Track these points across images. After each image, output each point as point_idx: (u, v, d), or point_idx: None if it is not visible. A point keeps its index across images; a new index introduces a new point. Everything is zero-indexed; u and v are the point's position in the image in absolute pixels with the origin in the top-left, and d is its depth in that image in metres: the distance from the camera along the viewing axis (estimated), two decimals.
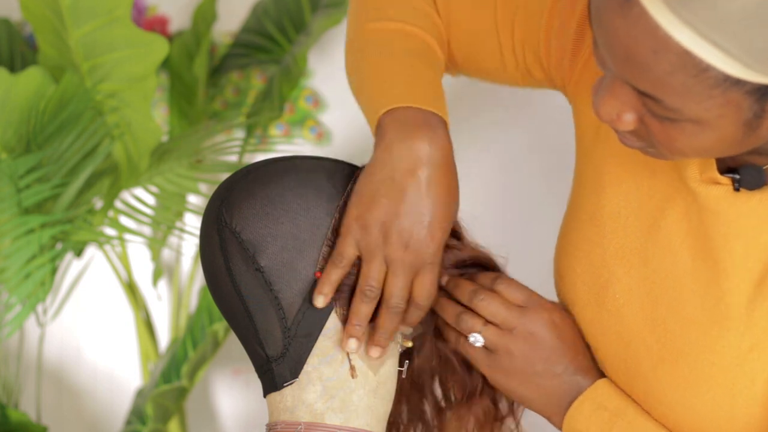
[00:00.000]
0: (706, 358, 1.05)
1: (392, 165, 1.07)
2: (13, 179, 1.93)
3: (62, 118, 1.96)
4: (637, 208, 1.10)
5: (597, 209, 1.13)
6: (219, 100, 2.40)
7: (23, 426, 2.05)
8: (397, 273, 1.08)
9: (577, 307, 1.15)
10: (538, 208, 2.19)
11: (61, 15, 1.90)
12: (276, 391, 1.11)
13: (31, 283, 1.97)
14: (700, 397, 1.05)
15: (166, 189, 2.02)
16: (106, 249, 2.24)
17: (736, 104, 0.89)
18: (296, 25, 2.32)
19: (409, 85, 1.12)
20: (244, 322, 1.11)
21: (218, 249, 1.11)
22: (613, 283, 1.11)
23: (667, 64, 0.88)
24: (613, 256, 1.11)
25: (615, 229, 1.11)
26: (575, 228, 1.16)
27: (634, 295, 1.10)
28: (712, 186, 1.04)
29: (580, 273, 1.14)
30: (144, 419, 2.17)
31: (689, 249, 1.06)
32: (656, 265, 1.08)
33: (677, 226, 1.07)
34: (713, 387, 1.05)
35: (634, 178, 1.10)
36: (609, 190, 1.12)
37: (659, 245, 1.08)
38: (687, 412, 1.06)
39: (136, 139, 2.04)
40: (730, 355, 1.04)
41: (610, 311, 1.11)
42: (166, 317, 2.45)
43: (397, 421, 1.22)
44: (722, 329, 1.04)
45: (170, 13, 2.39)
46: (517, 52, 1.19)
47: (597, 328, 1.13)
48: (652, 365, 1.08)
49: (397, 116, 1.09)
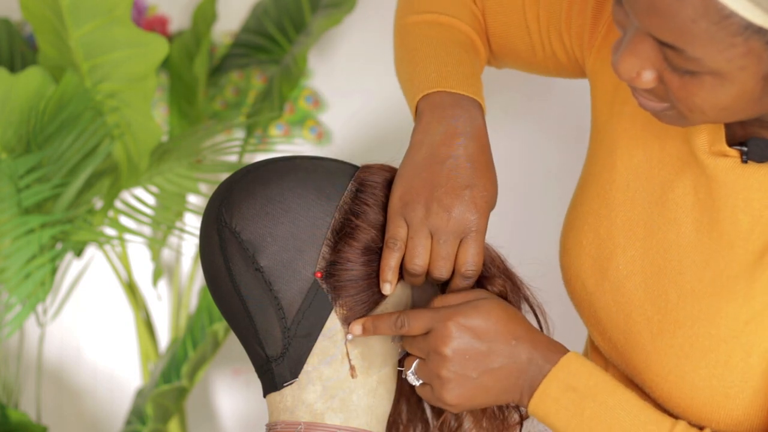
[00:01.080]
0: (705, 329, 1.06)
1: (430, 142, 1.10)
2: (13, 179, 1.93)
3: (62, 118, 1.96)
4: (645, 180, 1.12)
5: (607, 183, 1.15)
6: (219, 100, 2.40)
7: (23, 426, 2.05)
8: (440, 242, 1.08)
9: (580, 279, 1.15)
10: (540, 204, 2.19)
11: (61, 15, 1.90)
12: (276, 391, 1.11)
13: (31, 283, 1.97)
14: (696, 369, 1.06)
15: (166, 189, 2.02)
16: (106, 249, 2.24)
17: (757, 55, 0.91)
18: (296, 25, 2.32)
19: (443, 70, 1.15)
20: (244, 322, 1.11)
21: (218, 249, 1.11)
22: (617, 254, 1.12)
23: (690, 10, 0.89)
24: (619, 228, 1.13)
25: (623, 201, 1.13)
26: (584, 203, 1.17)
27: (637, 266, 1.11)
28: (720, 158, 1.06)
29: (585, 245, 1.15)
30: (144, 419, 2.17)
31: (694, 221, 1.08)
32: (660, 236, 1.10)
33: (684, 199, 1.08)
34: (710, 358, 1.05)
35: (645, 151, 1.12)
36: (620, 164, 1.14)
37: (665, 217, 1.10)
38: (683, 384, 1.07)
39: (136, 139, 2.04)
40: (728, 327, 1.05)
41: (613, 282, 1.12)
42: (166, 317, 2.45)
43: (397, 421, 1.22)
44: (722, 301, 1.05)
45: (170, 13, 2.39)
46: (543, 35, 1.22)
47: (599, 300, 1.13)
48: (652, 337, 1.09)
49: (431, 100, 1.13)
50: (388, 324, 1.09)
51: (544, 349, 1.08)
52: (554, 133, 2.21)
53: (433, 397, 1.09)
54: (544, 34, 1.22)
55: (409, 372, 1.10)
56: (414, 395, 1.21)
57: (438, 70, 1.16)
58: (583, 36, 1.19)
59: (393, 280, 1.09)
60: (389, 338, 1.13)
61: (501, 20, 1.25)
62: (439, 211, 1.07)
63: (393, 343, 1.13)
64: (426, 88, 1.14)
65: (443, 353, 1.07)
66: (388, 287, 1.09)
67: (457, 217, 1.07)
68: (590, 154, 1.20)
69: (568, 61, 1.22)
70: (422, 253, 1.08)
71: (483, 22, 1.26)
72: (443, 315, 1.08)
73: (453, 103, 1.12)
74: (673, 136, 1.10)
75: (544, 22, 1.22)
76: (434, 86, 1.13)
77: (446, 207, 1.07)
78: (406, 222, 1.08)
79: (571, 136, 1.99)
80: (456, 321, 1.07)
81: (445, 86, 1.13)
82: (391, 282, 1.09)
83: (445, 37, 1.21)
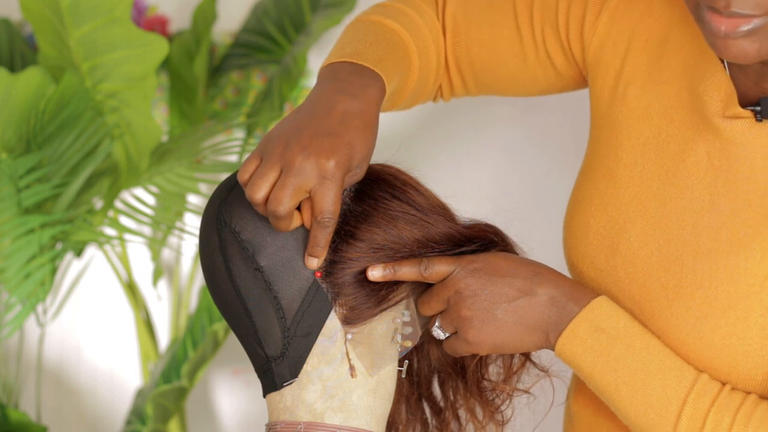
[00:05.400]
0: (723, 287, 1.07)
1: (313, 98, 1.08)
2: (13, 179, 1.93)
3: (62, 118, 1.96)
4: (654, 155, 1.13)
5: (613, 163, 1.16)
6: (219, 100, 2.40)
7: (23, 426, 2.05)
8: (285, 175, 1.03)
9: (587, 260, 1.16)
10: (539, 205, 2.18)
11: (61, 15, 1.90)
12: (276, 391, 1.11)
13: (31, 283, 1.97)
14: (715, 329, 1.06)
15: (166, 189, 2.02)
16: (106, 249, 2.24)
17: None
18: (296, 25, 2.32)
19: (359, 47, 1.13)
20: (244, 322, 1.11)
21: (218, 249, 1.11)
22: (628, 229, 1.13)
23: None
24: (629, 203, 1.14)
25: (631, 177, 1.14)
26: (589, 186, 1.18)
27: (649, 236, 1.12)
28: (735, 120, 1.08)
29: (593, 225, 1.16)
30: (144, 419, 2.17)
31: (708, 186, 1.09)
32: (672, 205, 1.11)
33: (696, 167, 1.10)
34: (729, 316, 1.06)
35: (652, 127, 1.14)
36: (626, 143, 1.15)
37: (677, 186, 1.11)
38: (701, 346, 1.07)
39: (136, 139, 2.04)
40: (747, 283, 1.06)
41: (625, 256, 1.13)
42: (166, 317, 2.45)
43: (396, 421, 1.22)
44: (739, 258, 1.06)
45: (170, 13, 2.39)
46: (537, 37, 1.22)
47: (609, 276, 1.14)
48: (668, 303, 1.09)
49: (334, 67, 1.11)
50: (411, 267, 1.11)
51: (569, 289, 1.11)
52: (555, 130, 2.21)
53: (460, 344, 1.12)
54: (537, 34, 1.22)
55: (435, 327, 1.13)
56: (413, 395, 1.22)
57: (354, 47, 1.14)
58: (583, 25, 1.19)
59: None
60: (389, 338, 1.13)
61: (486, 30, 1.24)
62: (294, 148, 1.03)
63: (393, 343, 1.13)
64: (335, 58, 1.12)
65: (463, 291, 1.10)
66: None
67: (310, 158, 1.02)
68: (591, 142, 1.20)
69: (564, 60, 1.22)
70: (263, 183, 1.03)
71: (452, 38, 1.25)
72: (465, 259, 1.12)
73: (352, 71, 1.10)
74: (681, 109, 1.12)
75: (538, 22, 1.21)
76: (343, 58, 1.12)
77: (302, 146, 1.03)
78: (261, 155, 1.05)
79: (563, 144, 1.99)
80: (476, 261, 1.11)
81: (353, 59, 1.11)
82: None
83: (380, 32, 1.19)
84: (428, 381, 1.22)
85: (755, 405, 1.04)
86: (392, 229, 1.11)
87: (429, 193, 1.15)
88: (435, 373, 1.22)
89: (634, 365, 1.07)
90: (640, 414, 1.07)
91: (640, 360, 1.07)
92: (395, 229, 1.11)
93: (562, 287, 1.11)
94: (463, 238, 1.14)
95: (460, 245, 1.14)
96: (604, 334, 1.08)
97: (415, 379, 1.22)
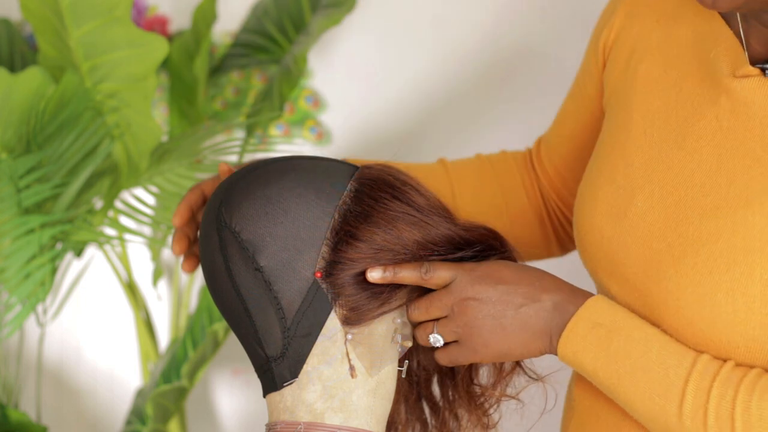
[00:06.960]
0: (729, 242, 1.07)
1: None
2: (13, 179, 1.93)
3: (62, 118, 1.96)
4: (663, 123, 1.15)
5: (623, 135, 1.18)
6: (219, 100, 2.40)
7: (23, 426, 2.05)
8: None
9: (596, 228, 1.17)
10: None
11: (61, 15, 1.90)
12: (276, 391, 1.11)
13: (31, 283, 1.97)
14: (719, 284, 1.07)
15: (166, 189, 2.02)
16: (106, 249, 2.24)
17: None
18: (296, 25, 2.32)
19: None
20: (244, 322, 1.11)
21: (218, 249, 1.11)
22: (635, 194, 1.14)
23: None
24: (637, 170, 1.15)
25: (640, 146, 1.16)
26: (598, 163, 1.20)
27: (656, 199, 1.13)
28: (745, 79, 1.10)
29: (601, 196, 1.17)
30: (144, 419, 2.17)
31: (716, 147, 1.10)
32: (679, 168, 1.12)
33: (705, 131, 1.11)
34: (734, 271, 1.06)
35: (662, 97, 1.16)
36: (636, 115, 1.17)
37: (685, 150, 1.12)
38: (704, 304, 1.07)
39: (136, 139, 2.04)
40: (753, 238, 1.06)
41: (632, 220, 1.14)
42: (166, 317, 2.45)
43: (395, 421, 1.22)
44: (747, 214, 1.07)
45: (170, 13, 2.39)
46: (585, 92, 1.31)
47: (616, 242, 1.15)
48: (673, 261, 1.10)
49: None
50: (412, 271, 1.12)
51: (569, 293, 1.12)
52: None
53: (461, 352, 1.13)
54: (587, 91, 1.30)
55: (431, 335, 1.14)
56: (413, 395, 1.21)
57: None
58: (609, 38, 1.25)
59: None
60: (389, 338, 1.13)
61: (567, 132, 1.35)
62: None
63: (393, 343, 1.13)
64: None
65: (470, 298, 1.11)
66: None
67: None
68: (605, 125, 1.23)
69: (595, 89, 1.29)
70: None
71: None
72: (466, 266, 1.13)
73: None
74: (690, 77, 1.14)
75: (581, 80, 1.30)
76: None
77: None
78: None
79: None
80: (479, 269, 1.12)
81: None
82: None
83: None
84: (427, 381, 1.22)
85: (758, 377, 1.04)
86: (392, 230, 1.11)
87: (429, 193, 1.15)
88: (435, 373, 1.22)
89: (634, 354, 1.08)
90: (645, 401, 1.07)
91: (640, 349, 1.08)
92: (395, 230, 1.11)
93: (563, 292, 1.12)
94: (463, 241, 1.14)
95: (460, 248, 1.14)
96: (602, 329, 1.09)
97: (414, 379, 1.22)
